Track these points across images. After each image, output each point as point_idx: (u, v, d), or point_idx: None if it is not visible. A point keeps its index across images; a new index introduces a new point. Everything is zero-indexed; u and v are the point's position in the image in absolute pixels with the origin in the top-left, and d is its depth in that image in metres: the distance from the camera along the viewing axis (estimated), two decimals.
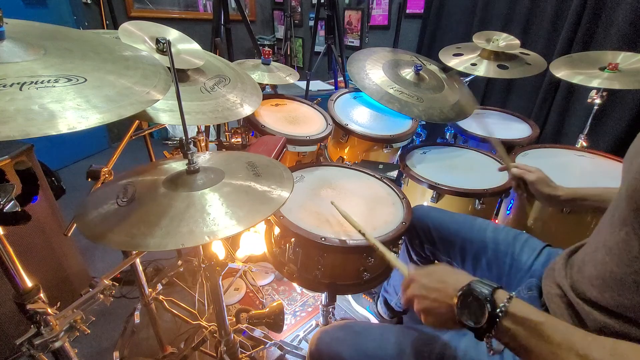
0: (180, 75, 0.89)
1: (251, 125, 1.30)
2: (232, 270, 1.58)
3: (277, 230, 0.97)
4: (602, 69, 1.32)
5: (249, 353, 1.13)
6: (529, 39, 2.06)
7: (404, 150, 1.44)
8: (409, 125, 1.51)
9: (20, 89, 0.45)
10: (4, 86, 0.45)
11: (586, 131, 1.47)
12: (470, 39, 1.59)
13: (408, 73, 1.50)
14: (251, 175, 0.69)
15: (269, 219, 0.95)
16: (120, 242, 0.51)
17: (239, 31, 2.56)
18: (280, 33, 4.07)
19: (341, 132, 1.45)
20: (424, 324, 0.59)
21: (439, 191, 1.20)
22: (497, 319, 0.48)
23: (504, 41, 1.55)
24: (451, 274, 0.58)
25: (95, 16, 2.88)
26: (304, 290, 1.67)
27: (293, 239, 0.91)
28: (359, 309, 1.52)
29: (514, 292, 0.76)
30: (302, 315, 1.55)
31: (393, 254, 0.73)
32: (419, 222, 1.02)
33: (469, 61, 1.57)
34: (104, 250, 1.83)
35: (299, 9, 3.81)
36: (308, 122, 1.44)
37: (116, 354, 1.15)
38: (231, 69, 1.08)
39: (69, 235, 0.79)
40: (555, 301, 0.63)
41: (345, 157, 1.53)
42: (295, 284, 1.64)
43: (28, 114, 0.42)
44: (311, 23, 3.51)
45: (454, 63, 1.59)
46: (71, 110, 0.45)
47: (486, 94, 2.37)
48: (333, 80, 2.85)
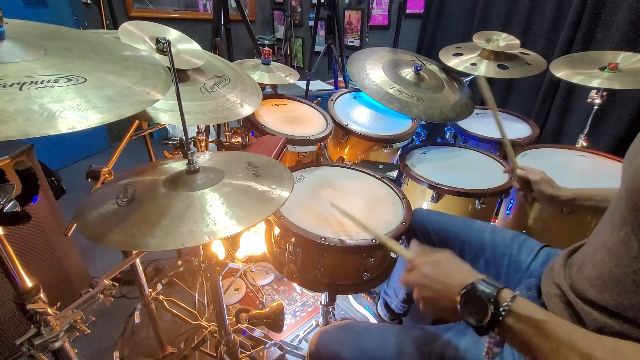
0: (180, 75, 0.89)
1: (251, 125, 1.30)
2: (232, 270, 1.58)
3: (277, 230, 0.97)
4: (602, 69, 1.32)
5: (249, 353, 1.13)
6: (529, 39, 2.06)
7: (404, 150, 1.45)
8: (409, 125, 1.51)
9: (20, 89, 0.45)
10: (4, 86, 0.45)
11: (586, 131, 1.47)
12: (470, 39, 1.59)
13: (408, 73, 1.50)
14: (251, 175, 0.69)
15: (269, 219, 0.95)
16: (120, 242, 0.52)
17: (239, 31, 2.56)
18: (280, 33, 4.07)
19: (341, 132, 1.45)
20: (421, 310, 0.60)
21: (439, 191, 1.20)
22: (500, 317, 0.49)
23: (504, 41, 1.55)
24: (456, 268, 0.58)
25: (95, 16, 2.88)
26: (304, 290, 1.67)
27: (293, 239, 0.91)
28: (359, 308, 1.53)
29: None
30: (302, 315, 1.55)
31: (394, 241, 0.72)
32: (418, 225, 1.03)
33: (469, 61, 1.57)
34: (104, 250, 1.83)
35: (299, 9, 3.81)
36: (308, 122, 1.44)
37: (116, 354, 1.15)
38: (231, 69, 1.08)
39: (69, 235, 0.79)
40: (555, 301, 0.63)
41: (345, 157, 1.53)
42: (295, 284, 1.64)
43: (28, 114, 0.42)
44: (311, 23, 3.51)
45: (454, 63, 1.59)
46: (71, 110, 0.45)
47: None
48: (333, 80, 2.85)
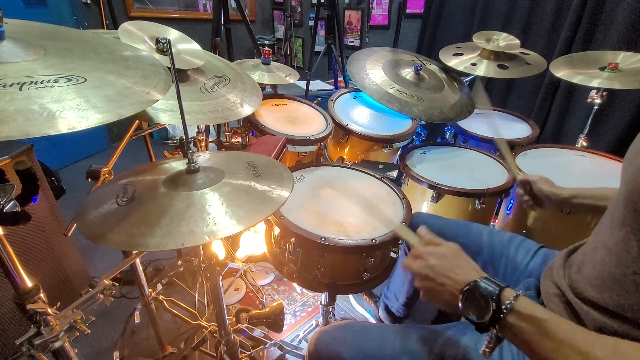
0: (180, 75, 0.89)
1: (251, 125, 1.30)
2: (232, 270, 1.58)
3: (277, 230, 0.97)
4: (602, 68, 1.32)
5: (249, 353, 1.13)
6: (529, 38, 2.06)
7: (404, 150, 1.45)
8: (409, 125, 1.51)
9: (20, 89, 0.45)
10: (4, 86, 0.45)
11: (586, 131, 1.47)
12: (470, 39, 1.59)
13: (408, 73, 1.50)
14: (251, 175, 0.69)
15: (268, 219, 0.95)
16: (120, 241, 0.52)
17: (239, 31, 2.56)
18: (280, 33, 4.07)
19: (341, 132, 1.45)
20: (421, 298, 0.60)
21: (439, 191, 1.20)
22: (502, 315, 0.49)
23: (504, 41, 1.55)
24: (461, 265, 0.58)
25: (95, 16, 2.88)
26: (304, 290, 1.67)
27: (293, 239, 0.91)
28: (359, 309, 1.53)
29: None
30: (302, 315, 1.55)
31: (405, 227, 0.72)
32: (416, 229, 1.03)
33: (469, 61, 1.57)
34: (104, 250, 1.83)
35: (299, 9, 3.81)
36: (308, 122, 1.44)
37: (116, 354, 1.15)
38: (231, 69, 1.08)
39: (69, 235, 0.79)
40: (554, 301, 0.63)
41: (345, 157, 1.53)
42: (295, 284, 1.64)
43: (28, 114, 0.42)
44: (311, 23, 3.51)
45: (454, 63, 1.59)
46: (71, 110, 0.45)
47: (486, 94, 2.37)
48: (333, 80, 2.85)
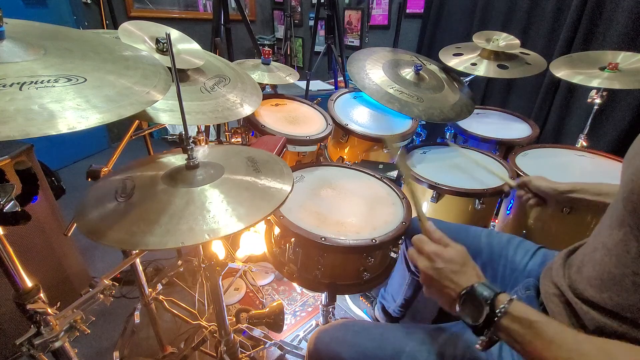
0: (180, 75, 0.89)
1: (251, 125, 1.30)
2: (232, 270, 1.58)
3: (277, 230, 0.97)
4: (602, 68, 1.32)
5: (249, 353, 1.13)
6: (529, 38, 2.06)
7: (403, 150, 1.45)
8: (409, 125, 1.51)
9: (20, 89, 0.45)
10: (4, 86, 0.45)
11: (586, 131, 1.47)
12: (470, 39, 1.59)
13: (408, 73, 1.50)
14: (251, 171, 0.69)
15: (268, 218, 0.95)
16: (119, 240, 0.51)
17: (239, 31, 2.56)
18: (280, 33, 4.07)
19: (341, 132, 1.45)
20: (424, 292, 0.63)
21: (439, 191, 1.20)
22: (495, 318, 0.52)
23: (504, 41, 1.55)
24: (465, 270, 0.60)
25: (95, 16, 2.88)
26: (304, 290, 1.67)
27: (293, 239, 0.91)
28: (356, 310, 1.52)
29: (512, 292, 0.77)
30: (302, 315, 1.55)
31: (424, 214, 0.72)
32: (416, 232, 1.03)
33: (469, 61, 1.57)
34: (104, 250, 1.83)
35: (299, 9, 3.81)
36: (308, 122, 1.44)
37: (116, 354, 1.15)
38: (231, 69, 1.08)
39: (69, 235, 0.79)
40: (554, 300, 0.64)
41: (345, 157, 1.53)
42: (295, 284, 1.64)
43: (28, 114, 0.42)
44: (311, 23, 3.51)
45: (454, 63, 1.59)
46: (71, 110, 0.45)
47: (486, 94, 2.37)
48: (333, 80, 2.85)
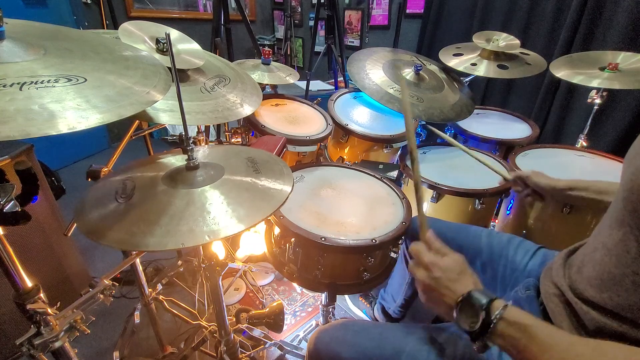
0: (180, 75, 0.89)
1: (251, 125, 1.30)
2: (232, 270, 1.58)
3: (277, 230, 0.97)
4: (602, 69, 1.32)
5: (249, 353, 1.13)
6: (529, 38, 2.06)
7: (404, 150, 1.44)
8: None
9: (20, 89, 0.45)
10: (4, 86, 0.45)
11: (586, 131, 1.47)
12: (470, 39, 1.59)
13: (408, 73, 1.50)
14: (251, 172, 0.69)
15: (269, 219, 0.95)
16: (120, 240, 0.51)
17: (239, 31, 2.56)
18: (280, 33, 4.07)
19: (341, 132, 1.45)
20: (422, 301, 0.64)
21: (439, 191, 1.20)
22: (492, 324, 0.52)
23: (504, 41, 1.55)
24: (462, 278, 0.61)
25: (95, 16, 2.88)
26: (304, 290, 1.67)
27: (293, 239, 0.91)
28: (356, 311, 1.52)
29: (512, 292, 0.77)
30: (302, 315, 1.55)
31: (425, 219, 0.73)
32: (416, 232, 1.03)
33: (469, 61, 1.57)
34: (104, 250, 1.83)
35: (299, 9, 3.81)
36: (308, 122, 1.44)
37: (116, 354, 1.15)
38: (231, 69, 1.08)
39: (69, 235, 0.79)
40: (554, 300, 0.64)
41: (345, 157, 1.53)
42: (295, 284, 1.64)
43: (28, 114, 0.42)
44: (311, 23, 3.51)
45: (454, 63, 1.59)
46: (71, 110, 0.45)
47: (486, 94, 2.37)
48: (333, 80, 2.85)
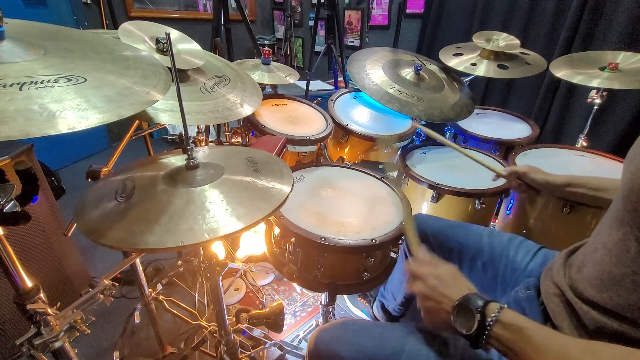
0: (180, 75, 0.89)
1: (251, 125, 1.30)
2: (232, 270, 1.58)
3: (277, 230, 0.97)
4: (602, 68, 1.32)
5: (249, 353, 1.13)
6: (529, 38, 2.06)
7: (404, 150, 1.45)
8: (409, 125, 1.51)
9: (20, 89, 0.45)
10: (4, 86, 0.45)
11: (586, 131, 1.47)
12: (470, 39, 1.59)
13: (408, 73, 1.50)
14: (251, 172, 0.69)
15: (269, 219, 0.95)
16: (119, 239, 0.51)
17: (239, 31, 2.56)
18: (280, 33, 4.07)
19: (341, 132, 1.45)
20: (423, 320, 0.64)
21: (439, 191, 1.20)
22: (488, 327, 0.52)
23: (504, 41, 1.55)
24: (456, 284, 0.62)
25: (95, 16, 2.88)
26: (304, 290, 1.67)
27: (293, 239, 0.91)
28: (355, 311, 1.52)
29: (512, 292, 0.77)
30: (302, 315, 1.55)
31: (416, 237, 0.74)
32: (417, 230, 1.03)
33: (469, 61, 1.57)
34: (104, 250, 1.82)
35: (299, 9, 3.81)
36: (308, 122, 1.44)
37: (116, 354, 1.15)
38: (231, 69, 1.08)
39: (69, 235, 0.79)
40: (554, 300, 0.64)
41: (345, 157, 1.53)
42: (295, 284, 1.64)
43: (28, 114, 0.42)
44: (311, 23, 3.51)
45: (454, 63, 1.59)
46: (71, 110, 0.45)
47: (486, 94, 2.37)
48: (333, 80, 2.85)
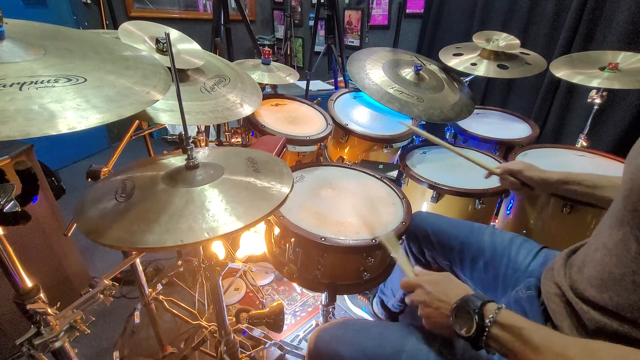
0: (180, 75, 0.89)
1: (251, 125, 1.30)
2: (232, 270, 1.58)
3: (277, 230, 0.97)
4: (602, 68, 1.32)
5: (249, 353, 1.13)
6: (529, 38, 2.06)
7: (404, 150, 1.44)
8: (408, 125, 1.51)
9: (20, 89, 0.45)
10: (4, 86, 0.45)
11: (586, 131, 1.47)
12: (470, 38, 1.59)
13: (408, 73, 1.50)
14: (251, 171, 0.69)
15: (268, 218, 0.95)
16: (119, 239, 0.51)
17: (239, 31, 2.56)
18: (280, 33, 4.07)
19: (341, 132, 1.45)
20: (425, 327, 0.65)
21: (439, 191, 1.20)
22: (487, 328, 0.52)
23: (504, 41, 1.55)
24: (453, 287, 0.63)
25: (95, 16, 2.88)
26: (304, 290, 1.67)
27: (293, 239, 0.91)
28: (355, 310, 1.52)
29: (513, 292, 0.77)
30: (302, 315, 1.55)
31: (405, 259, 0.75)
32: (418, 228, 1.04)
33: (469, 61, 1.57)
34: (104, 250, 1.83)
35: (299, 9, 3.81)
36: (308, 122, 1.44)
37: (116, 354, 1.15)
38: (231, 69, 1.08)
39: (69, 235, 0.79)
40: (554, 300, 0.64)
41: (345, 157, 1.53)
42: (295, 284, 1.64)
43: (28, 114, 0.42)
44: (311, 23, 3.51)
45: (454, 63, 1.59)
46: (71, 110, 0.45)
47: (486, 94, 2.37)
48: (333, 80, 2.85)
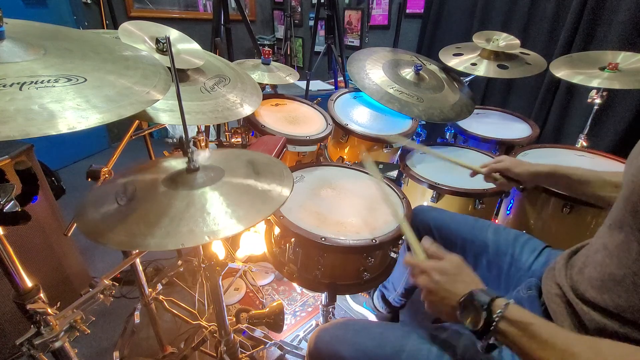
0: (180, 75, 0.89)
1: (251, 125, 1.30)
2: (232, 270, 1.58)
3: (277, 230, 0.97)
4: (602, 68, 1.32)
5: (249, 353, 1.13)
6: (529, 38, 2.06)
7: (404, 150, 1.44)
8: (409, 125, 1.51)
9: (20, 89, 0.45)
10: (4, 86, 0.45)
11: (586, 131, 1.47)
12: (470, 39, 1.59)
13: (408, 73, 1.50)
14: (251, 174, 0.69)
15: (268, 218, 0.95)
16: (120, 241, 0.51)
17: (239, 31, 2.56)
18: (280, 33, 4.07)
19: (341, 132, 1.45)
20: (426, 309, 0.64)
21: (439, 191, 1.20)
22: (494, 323, 0.53)
23: (504, 41, 1.55)
24: (462, 279, 0.62)
25: (95, 16, 2.88)
26: (304, 290, 1.67)
27: (293, 239, 0.91)
28: (357, 307, 1.53)
29: (514, 292, 0.77)
30: (302, 315, 1.55)
31: (414, 237, 0.73)
32: (420, 222, 1.03)
33: (469, 61, 1.57)
34: (104, 250, 1.83)
35: (299, 9, 3.81)
36: (308, 122, 1.44)
37: (116, 354, 1.15)
38: (231, 69, 1.08)
39: (69, 235, 0.79)
40: (555, 301, 0.64)
41: (345, 157, 1.53)
42: (295, 284, 1.64)
43: (28, 114, 0.42)
44: (311, 23, 3.51)
45: (454, 63, 1.59)
46: (71, 110, 0.45)
47: (486, 94, 2.37)
48: (333, 80, 2.85)
